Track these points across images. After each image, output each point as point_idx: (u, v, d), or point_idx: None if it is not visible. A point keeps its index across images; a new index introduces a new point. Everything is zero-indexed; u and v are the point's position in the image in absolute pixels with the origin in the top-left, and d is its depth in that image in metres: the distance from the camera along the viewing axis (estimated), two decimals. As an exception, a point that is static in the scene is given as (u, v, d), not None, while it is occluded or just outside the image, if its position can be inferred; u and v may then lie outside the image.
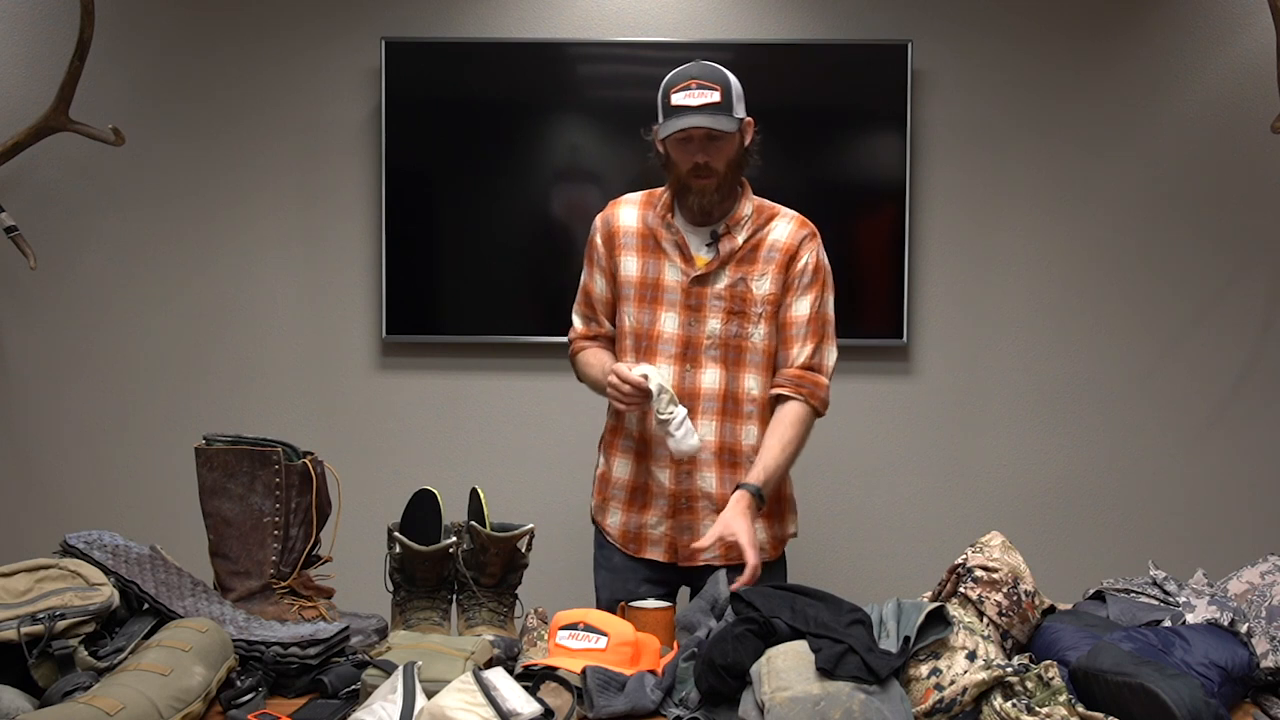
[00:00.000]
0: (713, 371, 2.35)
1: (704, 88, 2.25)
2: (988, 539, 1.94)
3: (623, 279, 2.42)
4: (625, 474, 2.44)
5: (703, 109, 2.24)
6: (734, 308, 2.35)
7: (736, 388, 2.36)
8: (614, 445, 2.47)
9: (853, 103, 3.60)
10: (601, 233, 2.46)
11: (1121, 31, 3.61)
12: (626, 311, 2.41)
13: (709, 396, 2.35)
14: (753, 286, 2.35)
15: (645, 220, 2.42)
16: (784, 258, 2.36)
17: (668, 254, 2.38)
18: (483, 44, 3.59)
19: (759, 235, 2.37)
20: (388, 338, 3.63)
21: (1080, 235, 3.64)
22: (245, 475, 2.10)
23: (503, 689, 1.59)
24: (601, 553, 2.52)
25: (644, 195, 2.47)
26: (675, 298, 2.37)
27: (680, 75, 2.29)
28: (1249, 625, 1.82)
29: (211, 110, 3.64)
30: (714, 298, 2.35)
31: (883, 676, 1.60)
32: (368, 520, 2.51)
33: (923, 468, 3.68)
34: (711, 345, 2.35)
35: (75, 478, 3.68)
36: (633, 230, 2.42)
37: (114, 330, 3.67)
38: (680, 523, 2.39)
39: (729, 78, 2.30)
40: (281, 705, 1.74)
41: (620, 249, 2.42)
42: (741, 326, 2.35)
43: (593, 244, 2.48)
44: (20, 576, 1.78)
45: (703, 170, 2.29)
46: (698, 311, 2.36)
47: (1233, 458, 3.64)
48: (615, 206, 2.48)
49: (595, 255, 2.47)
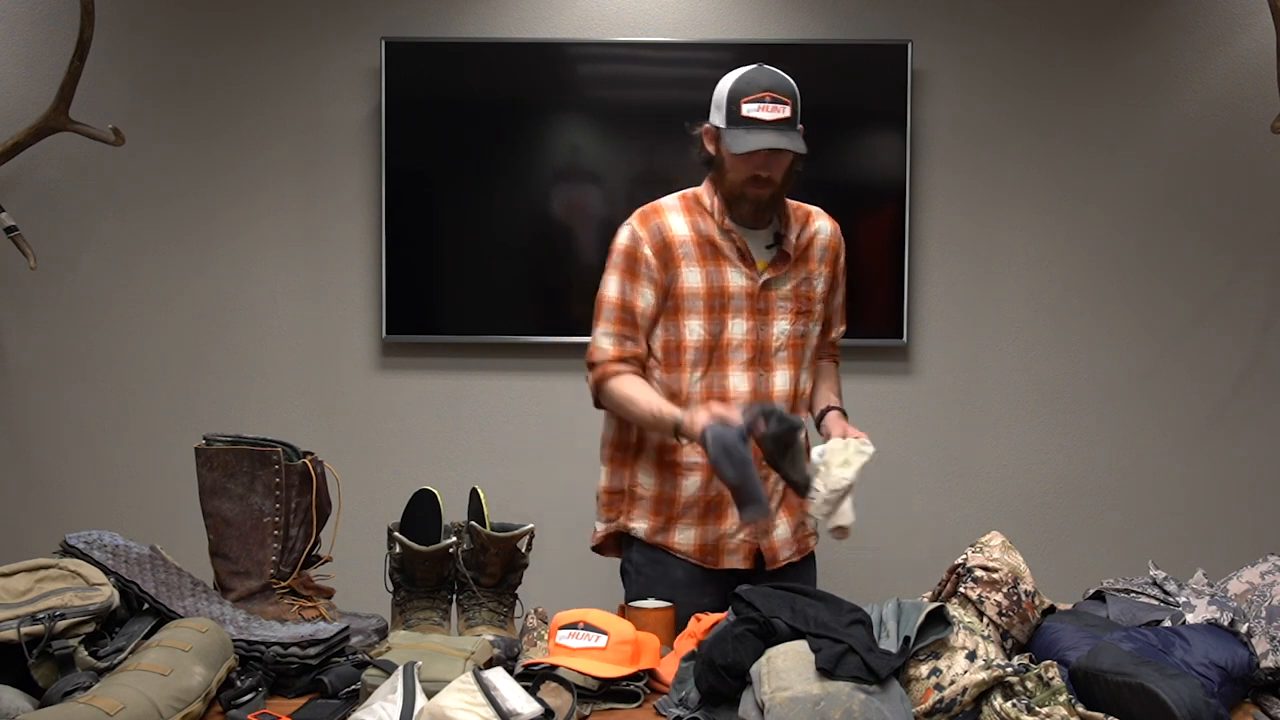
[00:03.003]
0: (783, 373, 2.34)
1: (777, 101, 2.19)
2: (988, 539, 1.94)
3: (685, 291, 2.29)
4: (694, 490, 2.34)
5: (777, 125, 2.19)
6: (801, 307, 2.35)
7: (799, 386, 2.37)
8: (676, 465, 2.33)
9: (853, 103, 3.60)
10: (651, 244, 2.29)
11: (1121, 31, 3.61)
12: (690, 324, 2.29)
13: (782, 399, 2.33)
14: (814, 285, 2.38)
15: (698, 227, 2.31)
16: (832, 255, 2.42)
17: (730, 260, 2.31)
18: (483, 44, 3.59)
19: (808, 233, 2.39)
20: (388, 338, 3.63)
21: (1080, 235, 3.64)
22: (245, 475, 2.10)
23: (503, 689, 1.59)
24: (655, 570, 2.36)
25: (681, 200, 2.35)
26: (743, 303, 2.31)
27: (751, 84, 2.21)
28: (1249, 625, 1.82)
29: (211, 110, 3.64)
30: (781, 299, 2.33)
31: (883, 676, 1.60)
32: (368, 520, 2.51)
33: (923, 468, 3.68)
34: (781, 347, 2.34)
35: (75, 478, 3.67)
36: (689, 239, 2.30)
37: (114, 330, 3.67)
38: (759, 528, 2.34)
39: (796, 89, 2.24)
40: (281, 705, 1.74)
41: (680, 260, 2.29)
42: (807, 325, 2.37)
43: (637, 256, 2.29)
44: (20, 576, 1.78)
45: (761, 182, 2.25)
46: (766, 315, 2.33)
47: (1233, 458, 3.64)
48: (660, 215, 2.32)
49: (642, 268, 2.29)
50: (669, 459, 2.35)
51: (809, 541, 2.45)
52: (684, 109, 3.57)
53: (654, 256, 2.29)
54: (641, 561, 2.40)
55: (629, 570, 2.44)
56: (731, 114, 2.22)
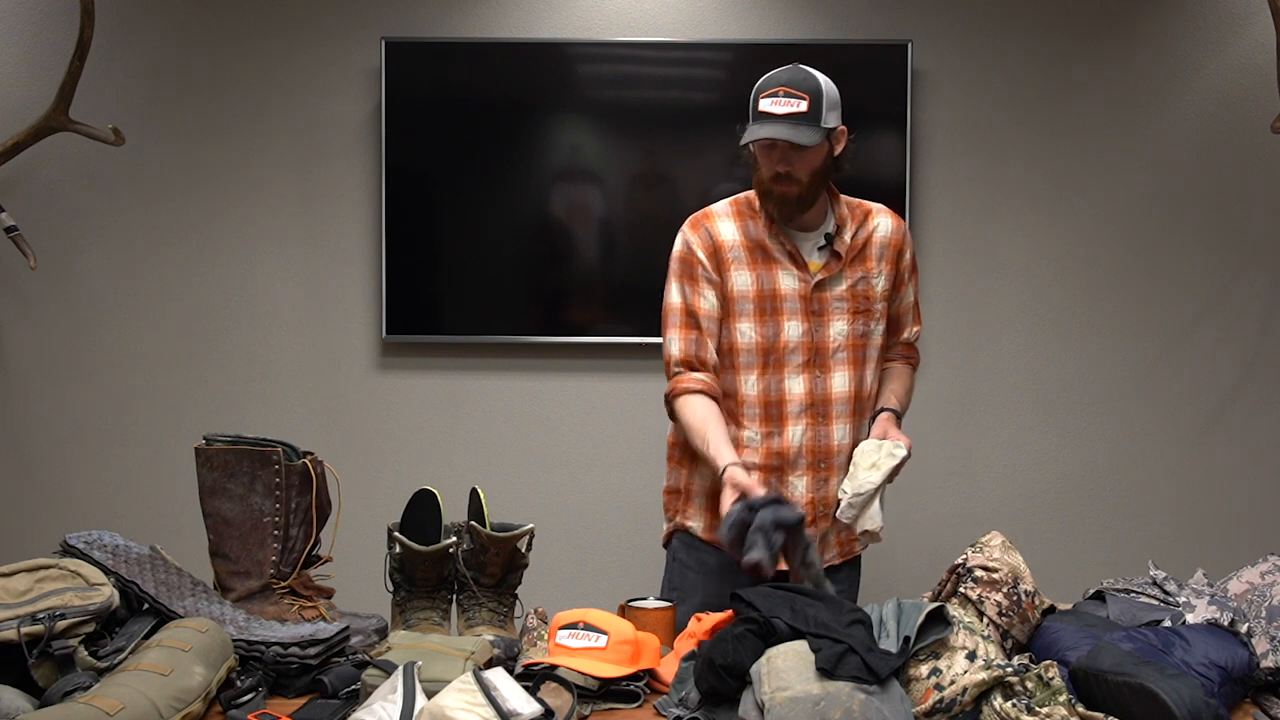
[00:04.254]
0: (842, 374, 2.33)
1: (791, 95, 2.21)
2: (988, 539, 1.94)
3: (736, 294, 2.30)
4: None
5: (785, 119, 2.20)
6: (859, 307, 2.34)
7: (861, 387, 2.36)
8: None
9: (853, 103, 3.56)
10: (703, 247, 2.31)
11: (1121, 32, 3.61)
12: (740, 328, 2.30)
13: (840, 400, 2.33)
14: (873, 284, 2.36)
15: (747, 231, 2.32)
16: (894, 253, 2.39)
17: (779, 262, 2.31)
18: (483, 44, 3.59)
19: (865, 232, 2.37)
20: (388, 338, 3.63)
21: (1080, 235, 3.64)
22: (245, 475, 2.10)
23: (503, 689, 1.59)
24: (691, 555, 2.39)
25: (731, 205, 2.37)
26: (796, 305, 2.31)
27: (771, 80, 2.25)
28: (1249, 625, 1.82)
29: (212, 110, 3.64)
30: (836, 300, 2.33)
31: (883, 676, 1.60)
32: (368, 520, 2.51)
33: (922, 468, 3.66)
34: (839, 348, 2.33)
35: (75, 478, 3.68)
36: (738, 243, 2.31)
37: (114, 330, 3.67)
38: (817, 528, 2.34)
39: (821, 85, 2.25)
40: (281, 705, 1.74)
41: (730, 264, 2.30)
42: (867, 324, 2.35)
43: (692, 260, 2.32)
44: (20, 576, 1.78)
45: (784, 179, 2.25)
46: (820, 316, 2.32)
47: (1232, 458, 3.64)
48: (710, 220, 2.35)
49: (699, 271, 2.31)
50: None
51: (853, 546, 2.44)
52: (684, 109, 3.62)
53: (707, 259, 2.31)
54: (679, 546, 2.43)
55: (670, 562, 2.47)
56: (751, 110, 2.26)
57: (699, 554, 2.39)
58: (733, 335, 2.32)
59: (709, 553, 2.38)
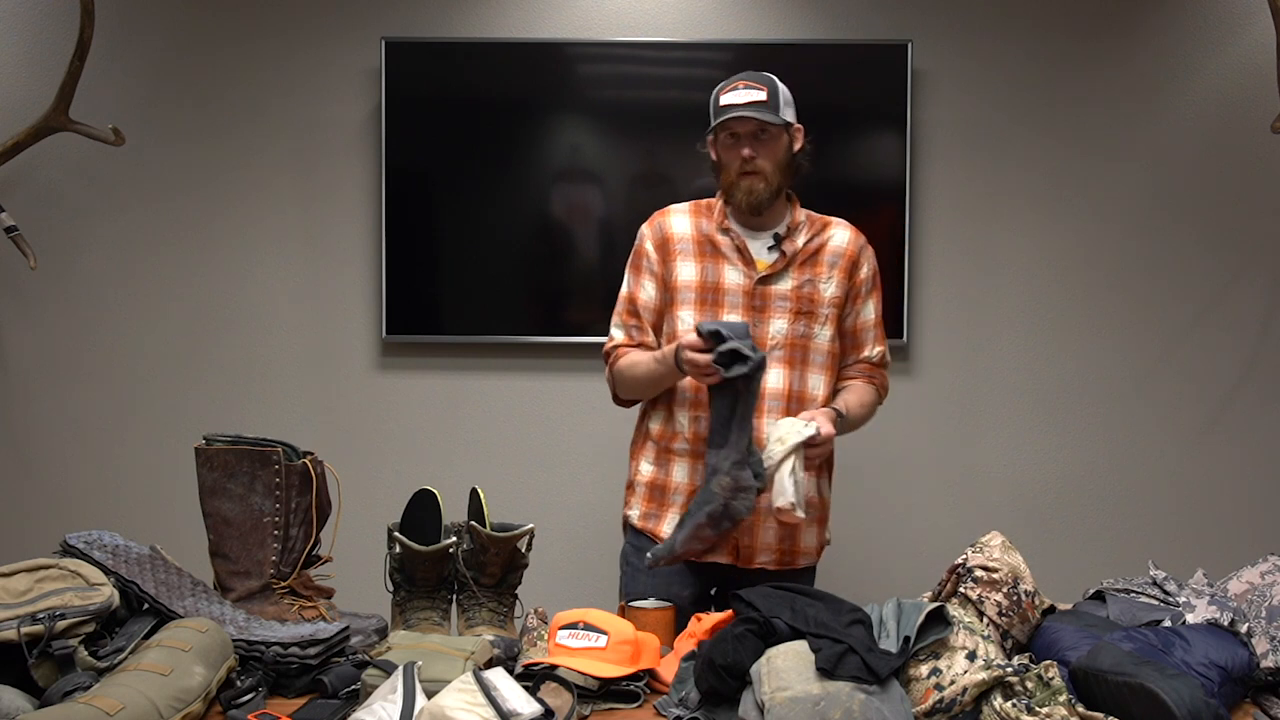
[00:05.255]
0: (777, 371, 2.37)
1: (750, 87, 2.34)
2: (988, 539, 1.94)
3: (679, 284, 2.40)
4: (684, 478, 2.40)
5: (748, 105, 2.32)
6: (801, 308, 2.39)
7: (802, 388, 2.39)
8: (670, 451, 2.42)
9: (853, 103, 3.60)
10: (653, 239, 2.45)
11: (1121, 32, 3.61)
12: (681, 315, 2.39)
13: (774, 396, 2.36)
14: (820, 288, 2.41)
15: (699, 227, 2.43)
16: (847, 263, 2.45)
17: (727, 258, 2.40)
18: (483, 44, 3.59)
19: (819, 240, 2.44)
20: (388, 338, 3.63)
21: (1080, 235, 3.64)
22: (245, 475, 2.10)
23: (503, 689, 1.59)
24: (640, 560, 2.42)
25: (691, 205, 2.49)
26: (738, 300, 2.38)
27: (729, 80, 2.38)
28: (1249, 625, 1.82)
29: (211, 110, 3.64)
30: (779, 298, 2.38)
31: (883, 676, 1.60)
32: (368, 520, 2.51)
33: (922, 468, 3.68)
34: (777, 345, 2.37)
35: (75, 478, 3.68)
36: (688, 236, 2.43)
37: (114, 330, 3.67)
38: (743, 523, 2.36)
39: (777, 82, 2.39)
40: (281, 705, 1.74)
41: (676, 255, 2.42)
42: (809, 327, 2.39)
43: (642, 252, 2.46)
44: (20, 576, 1.78)
45: (750, 165, 2.35)
46: (762, 312, 2.38)
47: (1232, 458, 3.64)
48: (665, 215, 2.48)
49: (645, 262, 2.45)
50: (665, 445, 2.42)
51: (796, 559, 2.44)
52: (684, 109, 3.61)
53: (654, 251, 2.45)
54: (630, 551, 2.48)
55: (622, 562, 2.52)
56: (713, 110, 2.39)
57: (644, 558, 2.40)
58: (674, 323, 2.40)
59: None
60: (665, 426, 2.43)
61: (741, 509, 2.21)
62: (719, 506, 2.19)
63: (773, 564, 2.41)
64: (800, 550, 2.44)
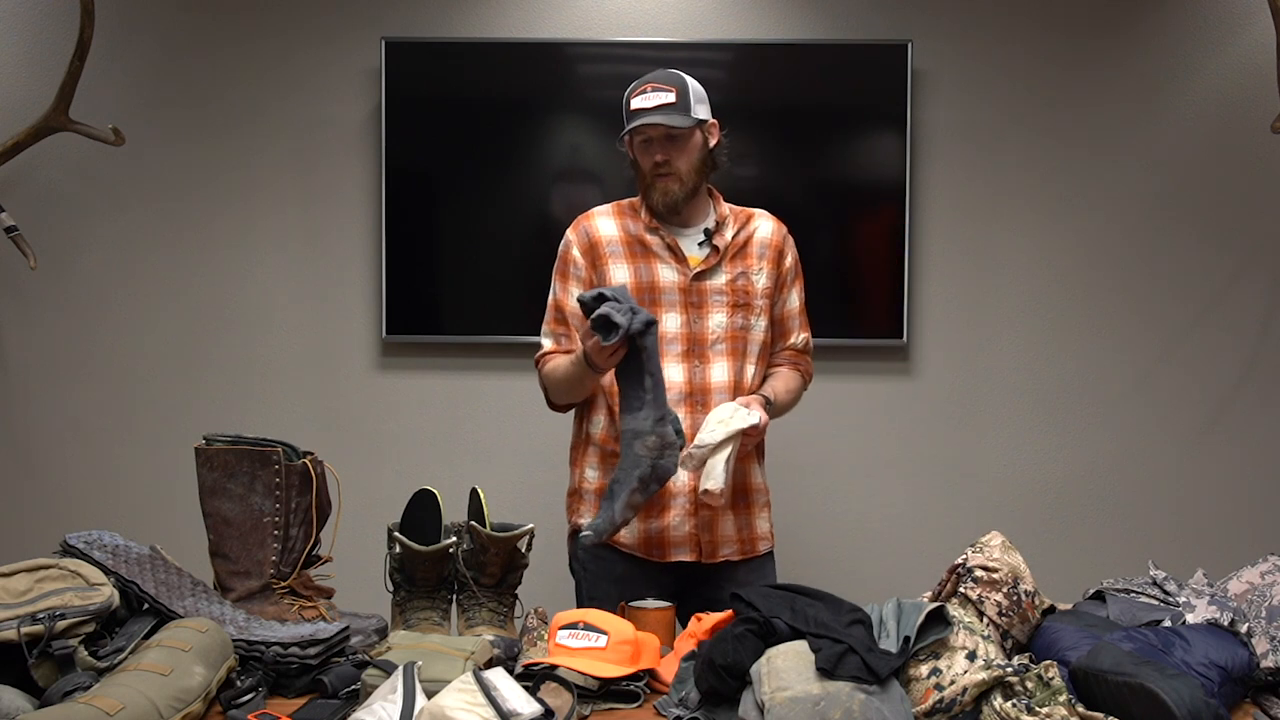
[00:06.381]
0: (721, 365, 2.39)
1: (659, 90, 2.34)
2: (988, 539, 1.94)
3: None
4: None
5: (656, 109, 2.33)
6: (738, 301, 2.41)
7: (742, 379, 2.42)
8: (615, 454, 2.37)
9: (853, 103, 3.60)
10: (580, 245, 2.45)
11: (1121, 31, 3.61)
12: None
13: (720, 389, 2.38)
14: (753, 280, 2.43)
15: (626, 228, 2.45)
16: (774, 253, 2.47)
17: (659, 256, 2.41)
18: (483, 44, 3.59)
19: (745, 232, 2.46)
20: (388, 338, 3.63)
21: (1080, 235, 3.64)
22: (245, 475, 2.10)
23: (503, 689, 1.59)
24: (599, 565, 2.42)
25: (614, 206, 2.51)
26: (674, 297, 2.40)
27: (638, 82, 2.38)
28: (1249, 625, 1.82)
29: (211, 110, 3.64)
30: (715, 293, 2.40)
31: (883, 676, 1.60)
32: (368, 520, 2.51)
33: (922, 468, 3.68)
34: (719, 339, 2.39)
35: (75, 478, 3.68)
36: (616, 238, 2.44)
37: (114, 330, 3.67)
38: (703, 519, 2.38)
39: (686, 81, 2.39)
40: (281, 705, 1.74)
41: (606, 258, 2.42)
42: (747, 318, 2.42)
43: (567, 258, 2.46)
44: (20, 576, 1.78)
45: (663, 168, 2.36)
46: (700, 308, 2.40)
47: (1232, 458, 3.64)
48: (589, 219, 2.48)
49: (571, 269, 2.45)
50: (610, 449, 2.41)
51: (756, 546, 2.46)
52: (684, 109, 3.61)
53: (582, 257, 2.45)
54: (587, 558, 2.44)
55: (576, 568, 2.49)
56: (625, 114, 2.39)
57: (605, 563, 2.41)
58: None
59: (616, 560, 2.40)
60: (608, 430, 2.42)
61: (670, 466, 2.22)
62: (647, 468, 2.20)
63: (736, 554, 2.42)
64: (758, 536, 2.46)
